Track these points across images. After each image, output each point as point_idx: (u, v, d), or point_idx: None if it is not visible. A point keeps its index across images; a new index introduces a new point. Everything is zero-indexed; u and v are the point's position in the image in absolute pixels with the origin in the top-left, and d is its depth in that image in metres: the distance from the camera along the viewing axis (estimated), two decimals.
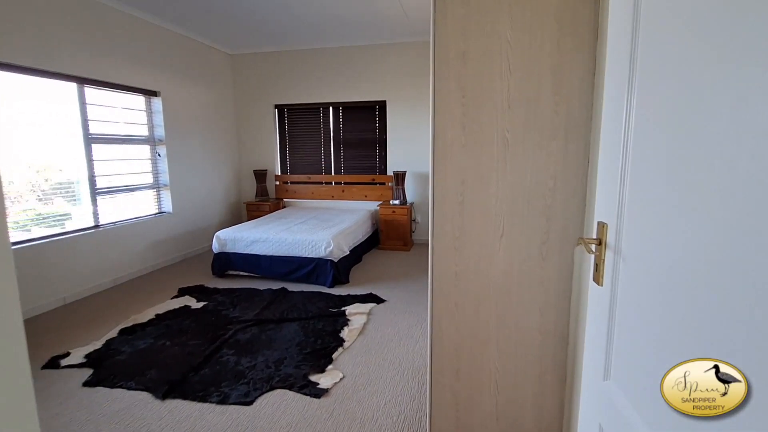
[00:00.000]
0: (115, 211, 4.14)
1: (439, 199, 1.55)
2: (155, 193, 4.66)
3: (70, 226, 3.76)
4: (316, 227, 4.42)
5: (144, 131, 4.49)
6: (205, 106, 5.34)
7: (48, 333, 2.95)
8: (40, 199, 3.56)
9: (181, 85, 4.90)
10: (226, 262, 4.18)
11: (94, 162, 3.83)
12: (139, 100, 4.42)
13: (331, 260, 3.92)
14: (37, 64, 3.26)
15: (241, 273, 4.18)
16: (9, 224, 3.44)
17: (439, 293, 1.60)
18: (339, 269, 3.97)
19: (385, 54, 5.45)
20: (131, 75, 4.17)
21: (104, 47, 3.85)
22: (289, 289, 3.85)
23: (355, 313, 3.24)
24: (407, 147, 5.57)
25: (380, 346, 2.72)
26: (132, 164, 4.38)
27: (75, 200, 3.80)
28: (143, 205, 4.52)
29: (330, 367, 2.47)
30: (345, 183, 5.88)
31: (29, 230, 3.48)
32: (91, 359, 2.56)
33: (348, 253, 4.14)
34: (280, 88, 5.84)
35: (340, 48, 5.56)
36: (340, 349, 2.68)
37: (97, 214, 3.91)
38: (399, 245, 5.30)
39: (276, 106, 5.94)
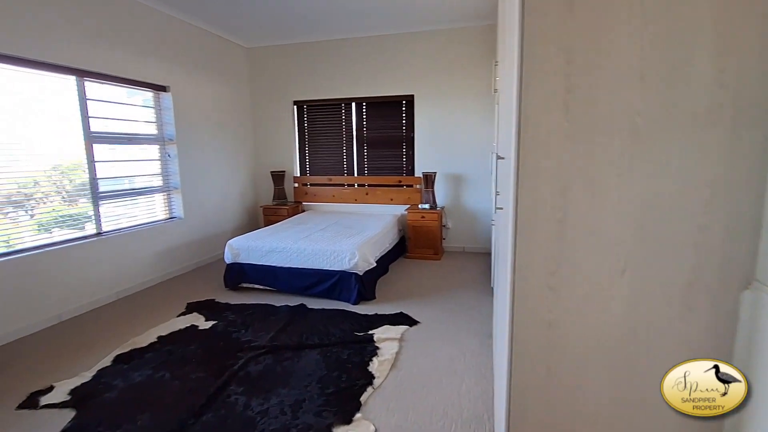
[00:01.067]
0: (120, 216, 3.79)
1: (527, 215, 1.06)
2: (165, 196, 4.30)
3: (90, 228, 3.49)
4: (339, 235, 3.97)
5: (152, 130, 4.13)
6: (219, 103, 4.97)
7: (34, 359, 2.59)
8: (65, 200, 3.38)
9: (193, 80, 4.53)
10: (239, 274, 3.77)
11: (95, 163, 3.48)
12: (146, 95, 4.06)
13: (355, 273, 3.46)
14: (29, 55, 2.92)
15: (256, 286, 3.77)
16: (33, 226, 3.16)
17: (522, 351, 1.11)
18: (364, 283, 3.51)
19: (412, 43, 4.97)
20: (138, 68, 3.81)
21: (107, 37, 3.49)
22: (309, 305, 3.41)
23: (385, 338, 2.76)
24: (437, 146, 5.07)
25: (418, 385, 2.23)
26: (139, 165, 4.03)
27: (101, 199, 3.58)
28: (152, 210, 4.16)
29: (358, 415, 2.00)
30: (369, 185, 5.42)
31: (51, 232, 3.26)
32: (76, 396, 2.16)
33: (374, 265, 3.67)
34: (300, 84, 5.43)
35: (364, 38, 5.10)
36: (369, 389, 2.21)
37: (100, 221, 3.56)
38: (429, 254, 4.81)
39: (295, 103, 5.53)
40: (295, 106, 5.56)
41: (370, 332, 2.87)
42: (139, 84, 3.88)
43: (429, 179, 4.89)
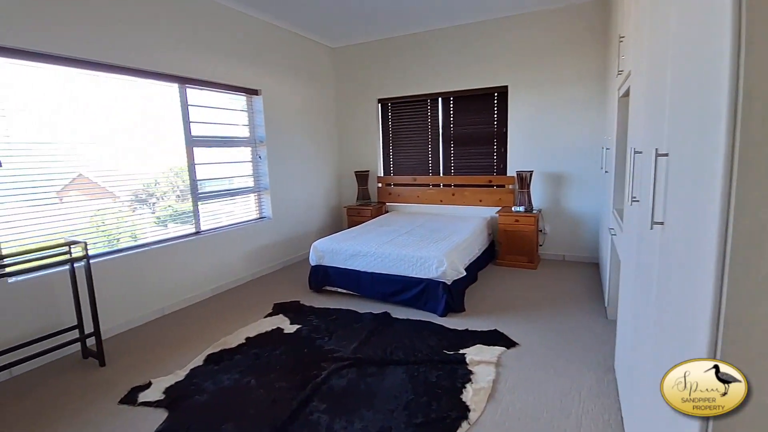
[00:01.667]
0: (216, 216, 3.96)
1: (749, 246, 0.69)
2: (256, 197, 4.43)
3: (192, 226, 3.72)
4: (425, 239, 3.71)
5: (245, 132, 4.27)
6: (305, 104, 5.01)
7: (138, 351, 2.74)
8: (178, 197, 3.62)
9: (282, 83, 4.61)
10: (323, 277, 3.71)
11: (195, 166, 3.66)
12: (240, 99, 4.20)
13: (443, 282, 3.18)
14: (139, 65, 3.11)
15: (339, 290, 3.68)
16: (152, 220, 3.38)
17: None
18: (452, 293, 3.21)
19: (505, 30, 4.51)
20: (232, 73, 3.94)
21: (205, 44, 3.64)
22: (393, 314, 3.21)
23: (479, 361, 2.44)
24: (534, 141, 4.55)
25: (523, 427, 1.88)
26: (233, 168, 4.18)
27: (200, 199, 3.81)
28: (244, 211, 4.31)
29: None
30: (455, 185, 5.08)
31: (167, 226, 3.54)
32: (170, 397, 2.20)
33: (464, 274, 3.35)
34: (384, 81, 5.27)
35: (450, 29, 4.77)
36: (464, 424, 1.91)
37: (199, 221, 3.74)
38: (523, 261, 4.33)
39: (379, 101, 5.40)
40: (380, 105, 5.42)
41: (461, 352, 2.57)
42: (233, 89, 4.01)
43: (524, 179, 4.41)
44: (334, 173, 5.66)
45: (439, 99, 5.04)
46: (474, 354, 2.52)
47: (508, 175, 4.73)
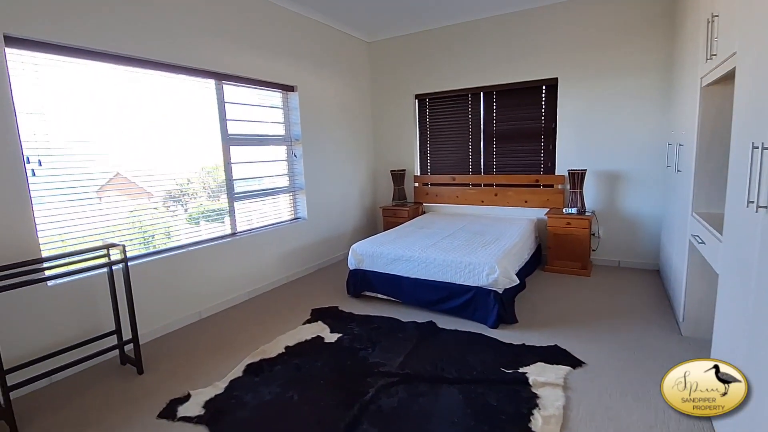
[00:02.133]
0: (252, 217, 3.85)
1: None
2: (291, 197, 4.30)
3: (227, 225, 3.60)
4: (471, 243, 3.46)
5: (281, 130, 4.14)
6: (341, 101, 4.84)
7: (176, 358, 2.63)
8: (210, 196, 3.52)
9: (318, 79, 4.45)
10: (363, 282, 3.53)
11: (232, 165, 3.55)
12: (275, 96, 4.07)
13: (494, 291, 2.93)
14: (176, 60, 3.01)
15: (379, 296, 3.48)
16: (184, 218, 3.19)
17: None
18: (504, 303, 2.96)
19: (555, 18, 4.19)
20: (268, 69, 3.81)
21: (241, 39, 3.52)
22: (439, 324, 2.99)
23: (544, 383, 2.18)
24: (586, 138, 4.21)
25: None
26: (269, 167, 4.05)
27: (236, 200, 3.70)
28: (280, 211, 4.18)
29: None
30: (498, 185, 4.80)
31: (198, 224, 3.44)
32: (209, 411, 2.06)
33: (517, 282, 3.09)
34: (422, 76, 5.04)
35: (494, 18, 4.48)
36: None
37: (235, 222, 3.64)
38: (575, 268, 4.01)
39: (416, 97, 5.17)
40: (417, 100, 5.19)
41: (521, 370, 2.32)
42: (270, 85, 3.88)
43: (576, 178, 4.08)
44: (369, 172, 5.48)
45: (481, 93, 4.76)
46: (536, 374, 2.27)
47: (556, 174, 4.41)
